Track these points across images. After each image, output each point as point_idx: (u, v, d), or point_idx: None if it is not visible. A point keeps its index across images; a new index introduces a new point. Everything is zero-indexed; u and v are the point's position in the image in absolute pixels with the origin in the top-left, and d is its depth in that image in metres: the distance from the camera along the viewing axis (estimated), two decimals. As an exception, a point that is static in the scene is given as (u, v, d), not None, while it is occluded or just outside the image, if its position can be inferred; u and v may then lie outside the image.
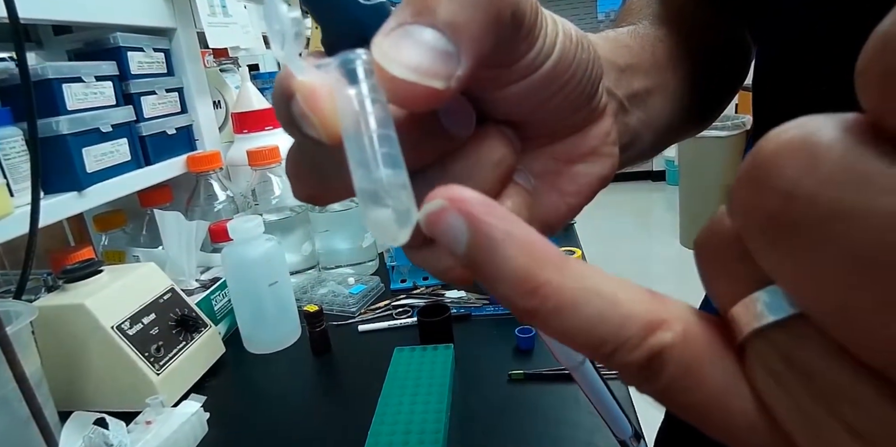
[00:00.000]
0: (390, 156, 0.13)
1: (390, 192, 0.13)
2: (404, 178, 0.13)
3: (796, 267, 0.09)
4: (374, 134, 0.13)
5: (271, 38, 0.14)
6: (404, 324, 0.76)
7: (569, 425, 0.54)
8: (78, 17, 0.71)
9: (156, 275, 0.68)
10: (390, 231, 0.13)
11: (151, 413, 0.55)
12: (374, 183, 0.13)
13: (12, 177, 0.61)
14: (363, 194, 0.13)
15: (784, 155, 0.09)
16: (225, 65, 1.16)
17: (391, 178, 0.13)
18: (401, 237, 0.13)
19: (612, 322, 0.11)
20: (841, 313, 0.09)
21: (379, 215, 0.13)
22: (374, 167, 0.13)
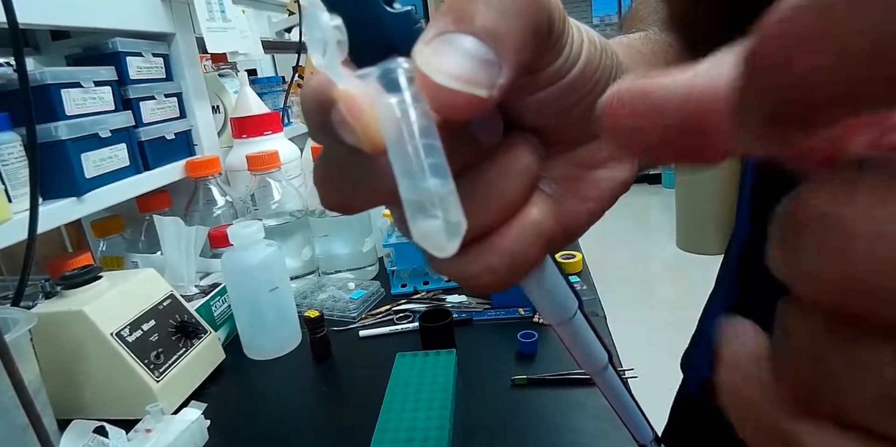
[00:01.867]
0: (437, 166, 0.13)
1: (439, 203, 0.13)
2: (452, 188, 0.13)
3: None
4: (420, 143, 0.13)
5: (311, 46, 0.14)
6: (405, 329, 0.75)
7: (573, 431, 0.54)
8: (77, 22, 0.71)
9: (155, 281, 0.67)
10: (439, 242, 0.13)
11: (151, 421, 0.54)
12: (421, 193, 0.13)
13: (11, 182, 0.61)
14: (410, 205, 0.13)
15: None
16: (223, 70, 1.15)
17: (439, 188, 0.13)
18: (450, 248, 0.13)
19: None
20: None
21: (428, 226, 0.13)
22: (420, 177, 0.13)
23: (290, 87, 1.31)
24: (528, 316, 0.74)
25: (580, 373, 0.61)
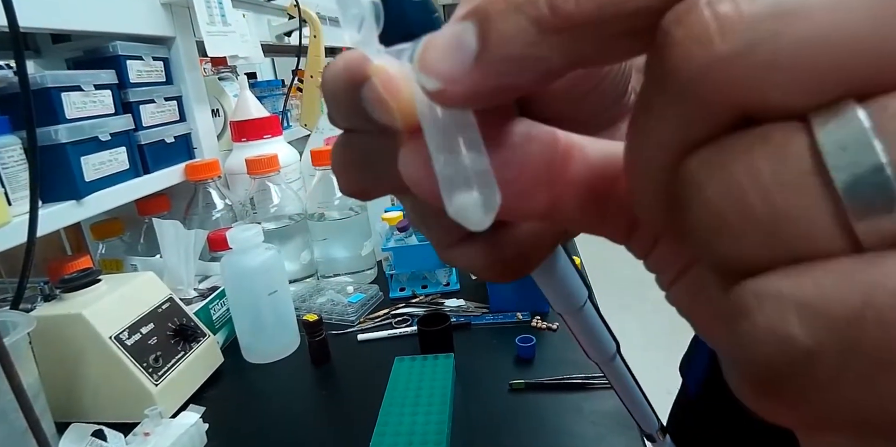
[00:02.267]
0: (472, 140, 0.13)
1: (475, 177, 0.13)
2: (487, 163, 0.13)
3: None
4: (455, 118, 0.13)
5: (345, 22, 0.14)
6: (404, 333, 0.75)
7: (570, 436, 0.54)
8: (77, 26, 0.71)
9: (154, 284, 0.67)
10: (476, 216, 0.13)
11: (150, 424, 0.54)
12: (458, 167, 0.13)
13: (10, 186, 0.61)
14: (446, 180, 0.13)
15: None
16: (223, 73, 1.16)
17: (475, 163, 0.13)
18: (486, 221, 0.13)
19: None
20: None
21: (465, 200, 0.13)
22: (457, 151, 0.13)
23: (289, 90, 1.31)
24: (527, 320, 0.74)
25: (578, 377, 0.61)
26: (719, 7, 0.09)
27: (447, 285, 0.87)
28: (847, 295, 0.09)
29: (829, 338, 0.09)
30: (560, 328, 0.72)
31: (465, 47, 0.12)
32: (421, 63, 0.12)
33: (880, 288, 0.08)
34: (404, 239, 0.86)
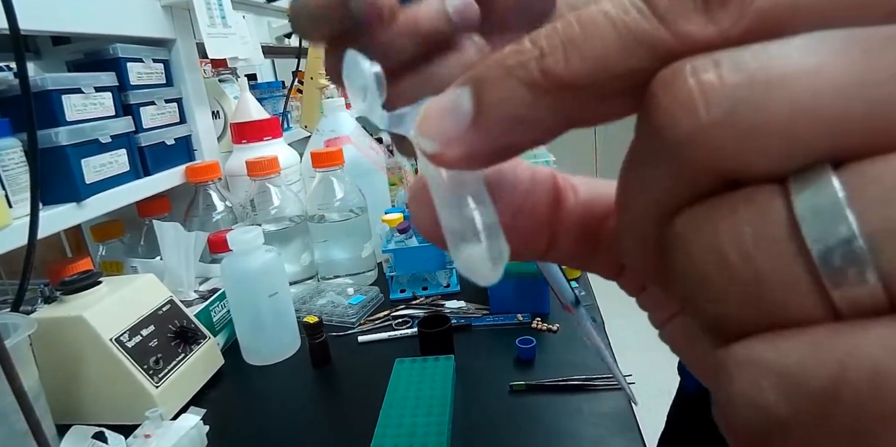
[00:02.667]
0: (478, 194, 0.13)
1: (483, 230, 0.13)
2: (494, 217, 0.13)
3: None
4: (459, 175, 0.13)
5: (352, 93, 0.15)
6: (404, 334, 0.75)
7: (571, 437, 0.54)
8: (78, 29, 0.71)
9: (154, 286, 0.67)
10: (484, 269, 0.13)
11: (150, 426, 0.54)
12: (464, 222, 0.13)
13: (11, 188, 0.61)
14: (452, 233, 0.13)
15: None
16: (223, 75, 1.16)
17: (483, 216, 0.13)
18: (494, 275, 0.13)
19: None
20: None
21: (472, 254, 0.13)
22: (463, 206, 0.13)
23: (289, 92, 1.31)
24: (527, 322, 0.74)
25: (578, 379, 0.61)
26: (703, 76, 0.10)
27: (447, 287, 0.87)
28: (822, 367, 0.09)
29: (804, 409, 0.09)
30: (560, 330, 0.72)
31: (462, 111, 0.12)
32: (420, 127, 0.13)
33: (854, 360, 0.09)
34: (404, 241, 0.86)
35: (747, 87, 0.09)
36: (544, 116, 0.11)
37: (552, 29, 0.11)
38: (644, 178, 0.11)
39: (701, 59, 0.10)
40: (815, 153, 0.09)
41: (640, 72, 0.11)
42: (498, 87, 0.12)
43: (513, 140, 0.12)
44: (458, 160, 0.12)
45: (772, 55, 0.09)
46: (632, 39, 0.11)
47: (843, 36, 0.09)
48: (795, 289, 0.09)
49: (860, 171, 0.09)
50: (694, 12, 0.10)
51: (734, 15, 0.10)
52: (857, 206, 0.09)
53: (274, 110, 1.31)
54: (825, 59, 0.09)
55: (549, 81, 0.11)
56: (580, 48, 0.11)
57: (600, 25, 0.11)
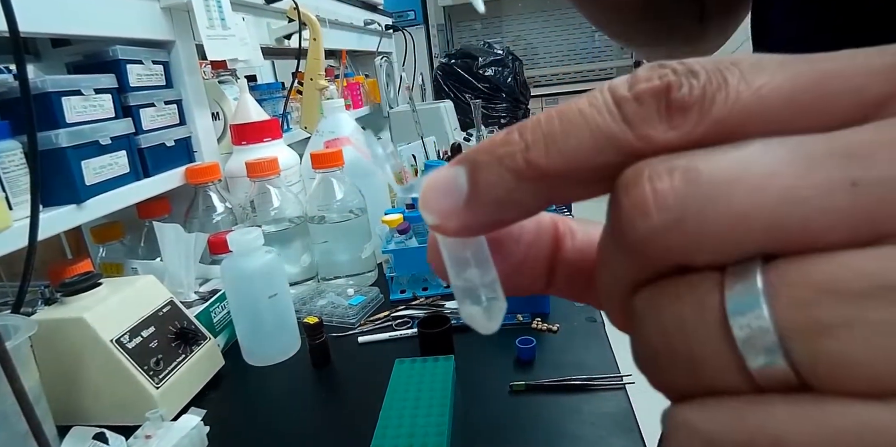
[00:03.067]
0: (479, 256, 0.15)
1: (482, 289, 0.15)
2: (493, 276, 0.15)
3: None
4: (463, 241, 0.15)
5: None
6: (404, 335, 0.75)
7: (571, 437, 0.54)
8: (77, 31, 0.72)
9: (155, 287, 0.67)
10: (482, 323, 0.15)
11: (151, 427, 0.55)
12: (467, 281, 0.15)
13: (11, 190, 0.61)
14: (457, 290, 0.15)
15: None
16: (223, 76, 1.16)
17: (483, 277, 0.15)
18: (492, 327, 0.15)
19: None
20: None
21: (472, 311, 0.15)
22: (466, 266, 0.15)
23: (289, 93, 1.32)
24: (527, 322, 0.74)
25: (578, 379, 0.61)
26: (657, 183, 0.11)
27: (448, 287, 0.87)
28: (737, 434, 0.11)
29: None
30: (560, 330, 0.72)
31: (458, 190, 0.14)
32: (422, 203, 0.15)
33: (762, 432, 0.10)
34: (404, 241, 0.86)
35: (694, 196, 0.11)
36: (528, 198, 0.13)
37: (536, 123, 0.13)
38: (612, 257, 0.13)
39: (658, 163, 0.11)
40: (749, 251, 0.11)
41: (611, 166, 0.12)
42: (489, 172, 0.13)
43: (501, 217, 0.14)
44: (454, 231, 0.14)
45: (719, 165, 0.11)
46: (603, 139, 0.12)
47: (787, 149, 0.11)
48: (722, 366, 0.11)
49: (781, 273, 0.11)
50: (657, 119, 0.12)
51: (693, 121, 0.12)
52: (773, 303, 0.10)
53: (274, 111, 1.31)
54: (765, 173, 0.11)
55: (532, 171, 0.13)
56: (558, 144, 0.13)
57: (576, 124, 0.12)
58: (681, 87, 0.12)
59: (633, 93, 0.12)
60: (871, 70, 0.11)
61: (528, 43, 4.61)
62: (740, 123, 0.11)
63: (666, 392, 0.12)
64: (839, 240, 0.10)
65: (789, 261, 0.11)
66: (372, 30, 1.96)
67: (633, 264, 0.12)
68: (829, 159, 0.10)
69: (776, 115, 0.11)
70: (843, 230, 0.10)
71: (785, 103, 0.11)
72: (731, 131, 0.11)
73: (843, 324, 0.10)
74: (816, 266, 0.10)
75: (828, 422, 0.10)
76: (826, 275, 0.10)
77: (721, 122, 0.11)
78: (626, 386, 0.60)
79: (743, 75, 0.12)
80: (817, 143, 0.11)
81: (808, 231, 0.10)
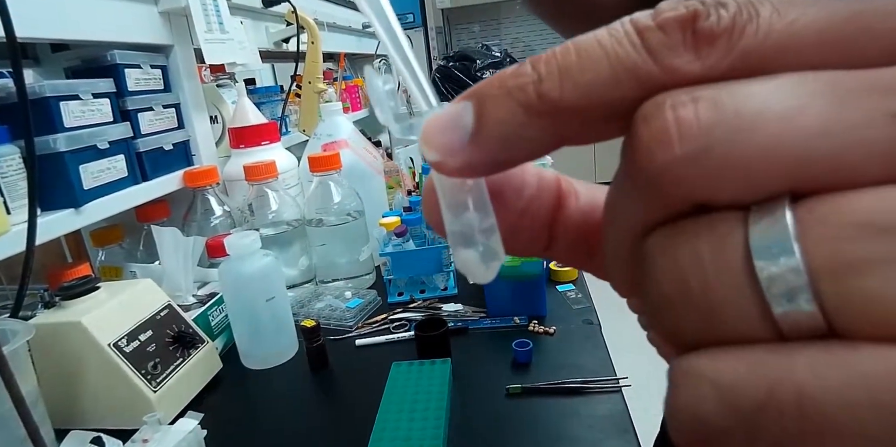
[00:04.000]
0: (479, 200, 0.14)
1: (479, 235, 0.14)
2: (492, 222, 0.14)
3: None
4: (462, 181, 0.14)
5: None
6: (401, 338, 0.76)
7: (567, 439, 0.54)
8: (76, 36, 0.72)
9: (153, 291, 0.67)
10: (478, 271, 0.14)
11: (148, 431, 0.55)
12: (464, 225, 0.14)
13: (9, 194, 0.61)
14: (452, 235, 0.14)
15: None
16: (222, 80, 1.16)
17: (481, 222, 0.14)
18: (488, 276, 0.14)
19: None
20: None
21: (468, 256, 0.14)
22: (464, 210, 0.14)
23: (287, 96, 1.32)
24: (524, 324, 0.75)
25: (575, 381, 0.61)
26: (681, 112, 0.10)
27: (445, 290, 0.87)
28: (755, 385, 0.10)
29: (737, 422, 0.10)
30: (557, 332, 0.72)
31: (463, 125, 0.13)
32: (423, 137, 0.13)
33: (784, 382, 0.09)
34: (402, 244, 0.87)
35: (720, 126, 0.10)
36: (538, 135, 0.12)
37: (551, 54, 0.12)
38: (624, 199, 0.12)
39: (682, 93, 0.11)
40: (777, 188, 0.10)
41: (629, 100, 0.11)
42: (498, 105, 0.12)
43: (508, 155, 0.13)
44: (457, 170, 0.13)
45: (748, 95, 0.10)
46: (623, 71, 0.11)
47: (821, 82, 0.10)
48: (744, 311, 0.10)
49: (812, 209, 0.10)
50: (682, 48, 0.11)
51: (720, 52, 0.11)
52: (803, 241, 0.10)
53: (272, 114, 1.31)
54: (797, 105, 0.10)
55: (545, 105, 0.12)
56: (574, 76, 0.12)
57: (594, 55, 0.11)
58: (709, 16, 0.11)
59: (658, 21, 0.11)
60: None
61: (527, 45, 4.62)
62: (771, 57, 0.11)
63: (675, 342, 0.11)
64: (876, 175, 0.10)
65: (822, 198, 0.10)
66: (370, 32, 1.97)
67: (648, 203, 0.12)
68: (867, 92, 0.10)
69: (810, 49, 0.10)
70: (880, 165, 0.10)
71: (819, 38, 0.10)
72: (761, 65, 0.11)
73: (879, 261, 0.09)
74: (852, 201, 0.10)
75: (857, 369, 0.09)
76: (863, 210, 0.09)
77: (750, 54, 0.11)
78: (622, 388, 0.60)
79: (775, 8, 0.11)
80: (854, 77, 0.10)
81: (842, 165, 0.10)
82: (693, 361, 0.11)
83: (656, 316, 0.12)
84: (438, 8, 4.28)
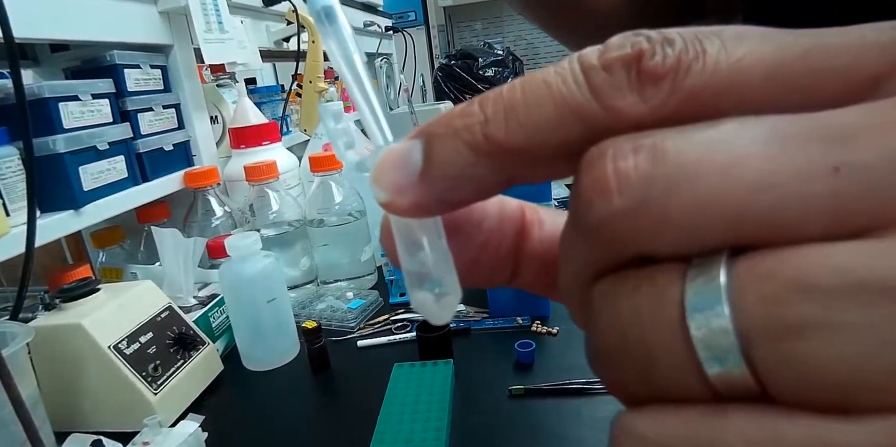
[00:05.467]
0: (433, 240, 0.14)
1: (435, 277, 0.14)
2: (448, 260, 0.14)
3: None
4: (415, 222, 0.14)
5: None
6: (403, 339, 0.75)
7: (570, 441, 0.54)
8: (75, 36, 0.72)
9: (153, 293, 0.67)
10: (433, 310, 0.14)
11: (149, 433, 0.54)
12: (419, 266, 0.14)
13: (8, 196, 0.61)
14: (408, 275, 0.14)
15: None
16: (222, 80, 1.16)
17: (436, 263, 0.14)
18: (444, 317, 0.14)
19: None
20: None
21: (421, 296, 0.14)
22: (419, 249, 0.14)
23: (288, 95, 1.32)
24: (527, 325, 0.74)
25: (578, 382, 0.60)
26: (620, 163, 0.10)
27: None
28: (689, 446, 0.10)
29: None
30: (560, 333, 0.72)
31: (412, 164, 0.13)
32: (374, 174, 0.13)
33: (711, 445, 0.09)
34: (403, 244, 0.86)
35: (658, 178, 0.10)
36: (486, 175, 0.12)
37: (498, 93, 0.12)
38: (574, 242, 0.12)
39: (624, 142, 0.10)
40: (716, 242, 0.10)
41: (575, 142, 0.11)
42: (445, 145, 0.12)
43: (456, 195, 0.13)
44: (406, 209, 0.13)
45: (688, 144, 0.10)
46: (567, 111, 0.11)
47: (765, 128, 0.10)
48: (679, 369, 0.10)
49: (750, 266, 0.10)
50: (627, 89, 0.11)
51: (665, 93, 0.11)
52: (736, 301, 0.09)
53: (273, 114, 1.31)
54: (736, 155, 0.10)
55: (491, 146, 0.12)
56: (519, 116, 0.11)
57: (539, 95, 0.11)
58: (654, 55, 0.11)
59: (602, 61, 0.11)
60: (864, 46, 0.10)
61: (529, 43, 4.61)
62: (717, 97, 0.10)
63: (618, 395, 0.11)
64: (816, 231, 0.09)
65: (759, 255, 0.10)
66: (372, 31, 1.96)
67: (592, 251, 0.11)
68: (810, 142, 0.09)
69: (756, 89, 0.10)
70: (820, 221, 0.09)
71: (766, 77, 0.10)
72: (707, 106, 0.10)
73: (812, 326, 0.09)
74: (788, 259, 0.09)
75: (785, 438, 0.09)
76: (797, 270, 0.09)
77: (696, 94, 0.10)
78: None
79: (724, 45, 0.10)
80: (798, 124, 0.10)
81: (781, 221, 0.09)
82: (628, 418, 0.11)
83: (599, 368, 0.12)
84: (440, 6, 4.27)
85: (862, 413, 0.09)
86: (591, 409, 0.57)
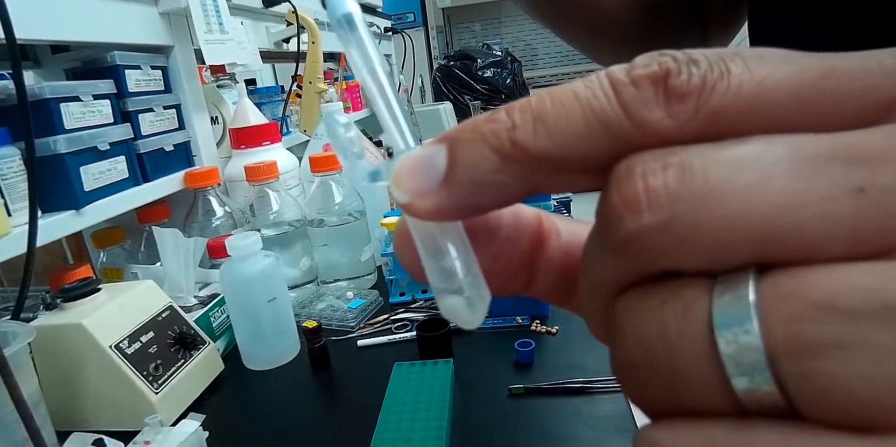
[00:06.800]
0: (457, 244, 0.14)
1: (461, 281, 0.14)
2: (474, 264, 0.14)
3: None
4: (437, 228, 0.14)
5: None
6: (403, 338, 0.75)
7: (570, 440, 0.54)
8: (76, 37, 0.72)
9: (154, 292, 0.67)
10: (465, 317, 0.14)
11: (150, 432, 0.55)
12: (444, 271, 0.14)
13: (10, 196, 0.61)
14: (434, 282, 0.14)
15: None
16: (222, 80, 1.16)
17: (463, 266, 0.14)
18: (475, 321, 0.14)
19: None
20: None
21: (452, 302, 0.14)
22: (443, 254, 0.14)
23: (288, 96, 1.32)
24: (526, 324, 0.74)
25: (578, 381, 0.61)
26: (650, 180, 0.11)
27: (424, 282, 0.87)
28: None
29: None
30: (559, 332, 0.72)
31: (436, 168, 0.13)
32: (394, 177, 0.13)
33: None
34: (403, 244, 0.86)
35: (687, 196, 0.10)
36: (510, 182, 0.12)
37: (526, 103, 0.12)
38: (598, 254, 0.12)
39: (653, 159, 0.11)
40: (743, 260, 0.10)
41: (603, 154, 0.11)
42: (471, 149, 0.12)
43: (478, 200, 0.13)
44: (427, 213, 0.13)
45: (715, 163, 0.10)
46: (596, 122, 0.11)
47: (789, 148, 0.10)
48: (706, 383, 0.10)
49: (777, 283, 0.10)
50: (655, 104, 0.11)
51: (690, 110, 0.11)
52: (764, 318, 0.10)
53: (273, 115, 1.31)
54: (763, 174, 0.10)
55: (518, 151, 0.12)
56: (548, 124, 0.12)
57: (569, 105, 0.12)
58: (680, 73, 0.11)
59: (631, 77, 0.11)
60: (884, 71, 0.10)
61: (528, 44, 4.61)
62: (740, 116, 0.11)
63: (643, 408, 0.12)
64: (841, 252, 0.10)
65: (785, 273, 0.10)
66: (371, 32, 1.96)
67: (618, 265, 0.12)
68: (835, 162, 0.10)
69: (779, 109, 0.11)
70: (845, 241, 0.09)
71: (789, 97, 0.11)
72: (731, 124, 0.11)
73: (839, 345, 0.09)
74: (814, 279, 0.09)
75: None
76: (824, 291, 0.09)
77: (720, 113, 0.11)
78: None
79: (747, 66, 0.11)
80: (823, 143, 0.10)
81: (806, 240, 0.10)
82: (652, 433, 0.11)
83: (623, 379, 0.12)
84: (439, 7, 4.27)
85: (883, 431, 0.09)
86: (590, 408, 0.58)
